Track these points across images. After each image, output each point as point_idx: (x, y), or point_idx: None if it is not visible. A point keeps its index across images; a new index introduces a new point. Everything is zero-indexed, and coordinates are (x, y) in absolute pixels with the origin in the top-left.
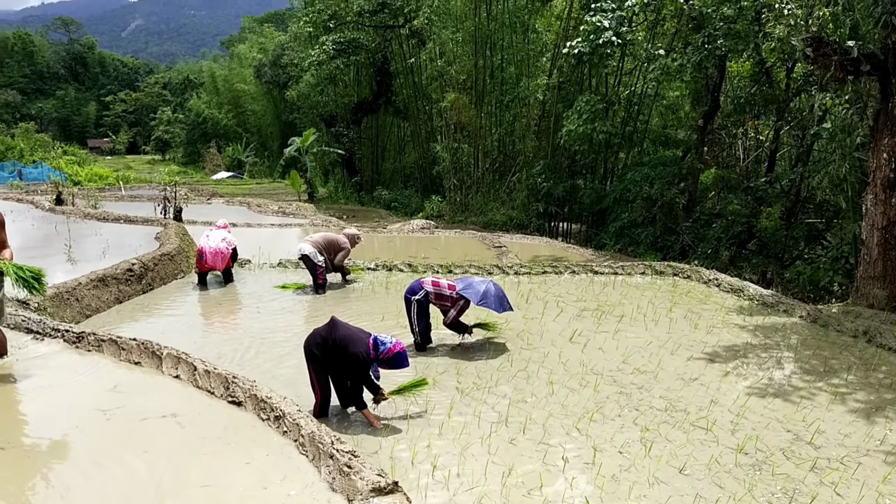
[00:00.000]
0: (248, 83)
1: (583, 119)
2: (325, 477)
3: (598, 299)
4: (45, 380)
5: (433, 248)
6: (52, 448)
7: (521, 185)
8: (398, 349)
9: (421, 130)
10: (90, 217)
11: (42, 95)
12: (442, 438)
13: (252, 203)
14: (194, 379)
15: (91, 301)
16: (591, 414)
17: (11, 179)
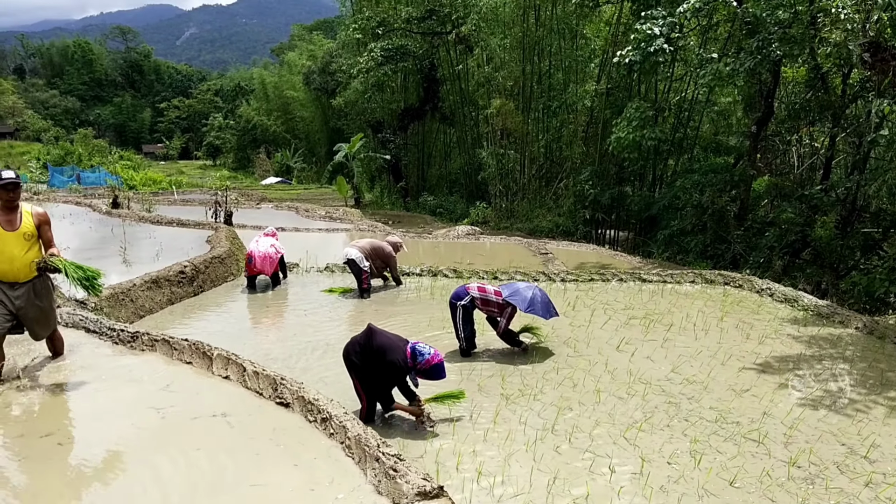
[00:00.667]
0: (297, 90)
1: (632, 126)
2: (370, 480)
3: (647, 307)
4: (103, 378)
5: (478, 255)
6: (110, 444)
7: (567, 191)
8: (436, 361)
9: (467, 136)
10: (144, 220)
11: (100, 102)
12: (487, 444)
13: (300, 208)
14: (243, 380)
15: (145, 302)
16: (639, 424)
17: (70, 183)
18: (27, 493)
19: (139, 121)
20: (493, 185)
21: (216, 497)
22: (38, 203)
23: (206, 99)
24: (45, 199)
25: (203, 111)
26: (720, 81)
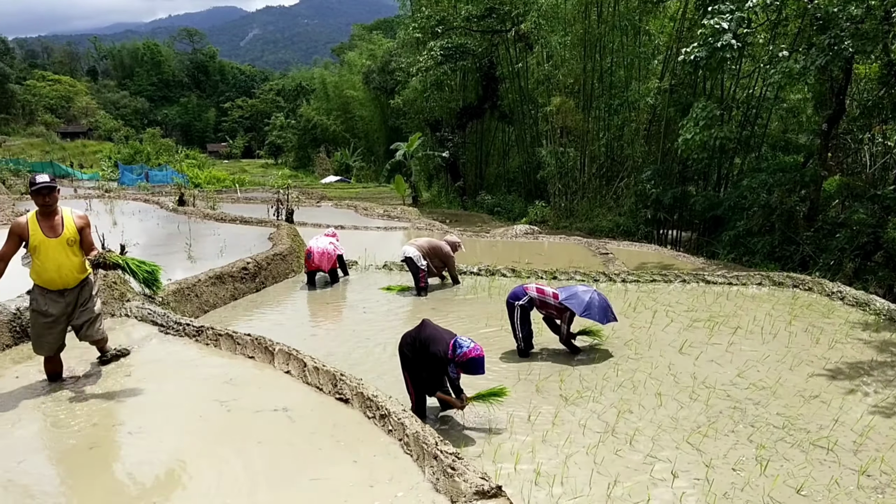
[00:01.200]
0: (356, 89)
1: (699, 126)
2: (428, 478)
3: (711, 310)
4: (170, 370)
5: (537, 254)
6: (177, 435)
7: (628, 190)
8: (473, 354)
9: (526, 135)
10: (209, 217)
11: (167, 102)
12: (546, 445)
13: (359, 206)
14: (304, 375)
15: (209, 297)
16: (702, 428)
17: (139, 181)
18: (99, 480)
19: (204, 120)
20: (552, 184)
21: (278, 489)
22: (87, 208)
23: (268, 99)
24: (115, 196)
25: (265, 111)
26: (791, 80)
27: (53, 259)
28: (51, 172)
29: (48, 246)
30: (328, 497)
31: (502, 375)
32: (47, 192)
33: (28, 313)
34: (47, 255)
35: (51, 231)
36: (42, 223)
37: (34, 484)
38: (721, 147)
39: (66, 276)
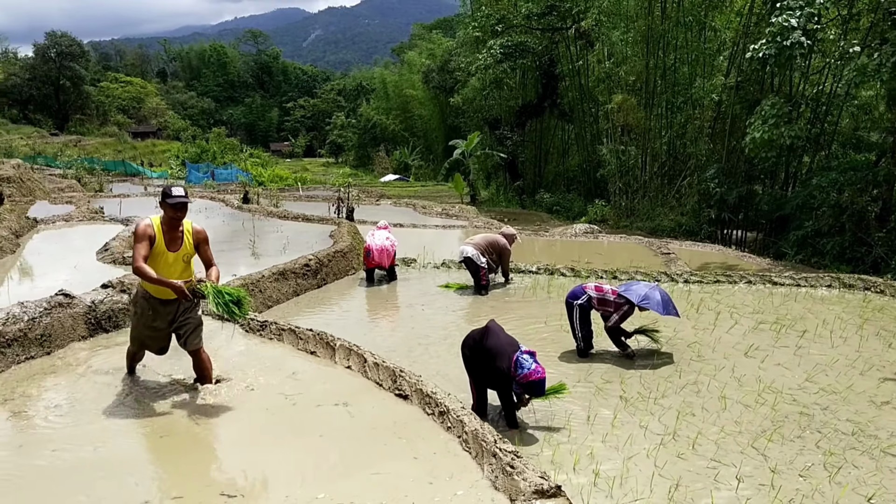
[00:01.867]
0: (416, 88)
1: (768, 125)
2: (487, 475)
3: (778, 312)
4: (237, 364)
5: (597, 254)
6: (243, 427)
7: (691, 189)
8: (535, 377)
9: (586, 133)
10: (272, 215)
11: (232, 102)
12: (605, 447)
13: (417, 205)
14: (364, 370)
15: (272, 293)
16: (768, 433)
17: (206, 179)
18: (166, 471)
19: (267, 120)
20: (612, 183)
21: (340, 482)
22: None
23: (329, 98)
24: None
25: (327, 110)
26: (864, 77)
27: (167, 272)
28: (184, 185)
29: (166, 258)
30: (389, 492)
31: (562, 376)
32: (182, 207)
33: (101, 306)
34: (162, 267)
35: (172, 243)
36: (166, 233)
37: (112, 467)
38: (790, 145)
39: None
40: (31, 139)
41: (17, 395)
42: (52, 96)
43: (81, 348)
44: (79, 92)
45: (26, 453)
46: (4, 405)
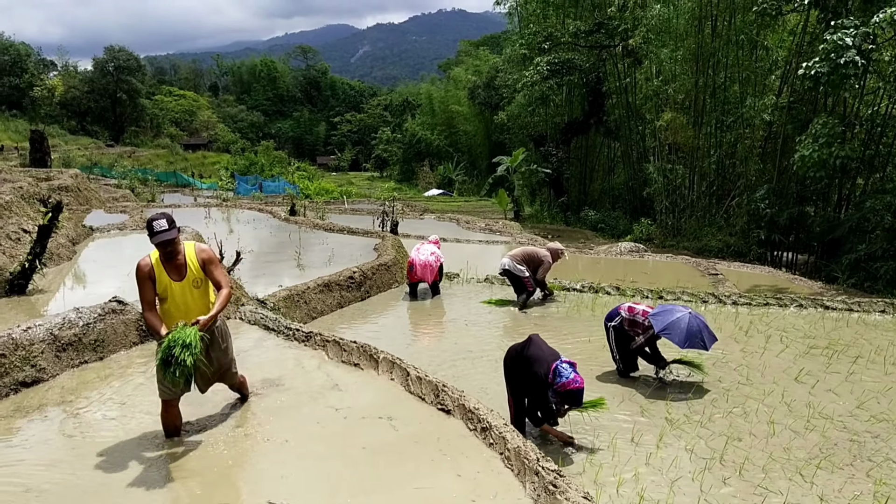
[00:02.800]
0: (461, 104)
1: (819, 144)
2: (529, 493)
3: (830, 336)
4: (284, 374)
5: (642, 272)
6: (286, 435)
7: (740, 210)
8: (573, 387)
9: (632, 151)
10: (318, 227)
11: (281, 116)
12: (650, 469)
13: (461, 219)
14: (407, 384)
15: (317, 304)
16: (817, 460)
17: (254, 191)
18: (213, 479)
19: (315, 134)
20: (658, 202)
21: (383, 494)
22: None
23: (375, 113)
24: (232, 205)
25: (373, 125)
26: None
27: (181, 303)
28: (170, 215)
29: (174, 290)
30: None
31: (604, 394)
32: (165, 245)
33: None
34: (174, 300)
35: (175, 273)
36: (166, 266)
37: (160, 473)
38: (842, 166)
39: (196, 314)
40: (87, 150)
41: (73, 398)
42: (108, 109)
43: (133, 354)
44: (134, 105)
45: (80, 456)
46: (60, 406)
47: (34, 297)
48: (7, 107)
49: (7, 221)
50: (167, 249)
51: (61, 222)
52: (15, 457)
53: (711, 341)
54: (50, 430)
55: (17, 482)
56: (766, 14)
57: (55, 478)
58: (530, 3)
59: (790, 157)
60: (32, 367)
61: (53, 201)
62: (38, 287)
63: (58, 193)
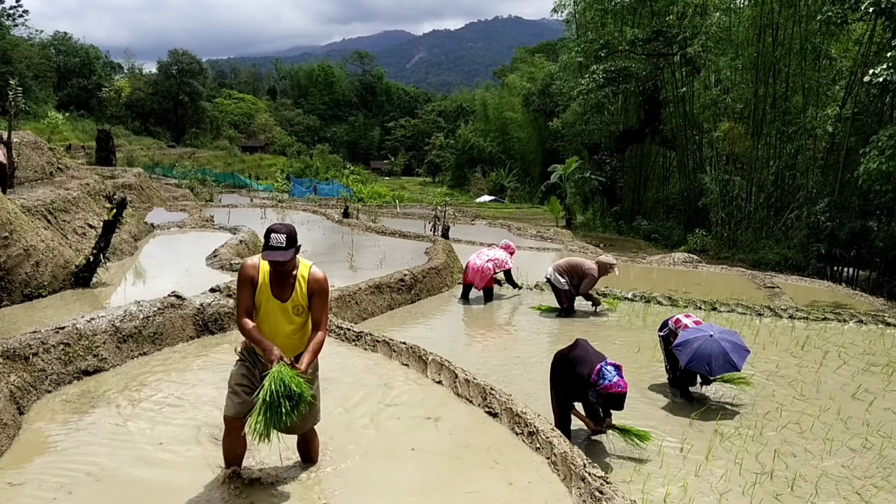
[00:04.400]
0: (515, 111)
1: (885, 156)
2: (575, 499)
3: (890, 354)
4: (333, 373)
5: (695, 283)
6: (341, 435)
7: (799, 223)
8: (615, 390)
9: (688, 161)
10: (370, 230)
11: (336, 121)
12: (698, 481)
13: (512, 226)
14: (455, 386)
15: (367, 305)
16: (874, 479)
17: (308, 194)
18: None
19: (369, 138)
20: (714, 212)
21: (435, 495)
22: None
23: (429, 119)
24: (287, 206)
25: (426, 131)
26: None
27: (273, 322)
28: (292, 228)
29: (272, 307)
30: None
31: (653, 405)
32: (277, 265)
33: (208, 309)
34: (266, 317)
35: (280, 289)
36: (274, 279)
37: (213, 463)
38: None
39: (282, 345)
40: (150, 150)
41: (135, 386)
42: (171, 110)
43: (190, 347)
44: (196, 107)
45: (139, 444)
46: (123, 393)
47: (97, 290)
48: (76, 107)
49: (74, 216)
50: (277, 269)
51: (125, 218)
52: (80, 439)
53: (742, 359)
54: (112, 416)
55: (78, 467)
56: (831, 23)
57: (113, 464)
58: (588, 11)
59: (853, 170)
60: (95, 356)
61: (119, 198)
62: (102, 280)
63: (122, 191)
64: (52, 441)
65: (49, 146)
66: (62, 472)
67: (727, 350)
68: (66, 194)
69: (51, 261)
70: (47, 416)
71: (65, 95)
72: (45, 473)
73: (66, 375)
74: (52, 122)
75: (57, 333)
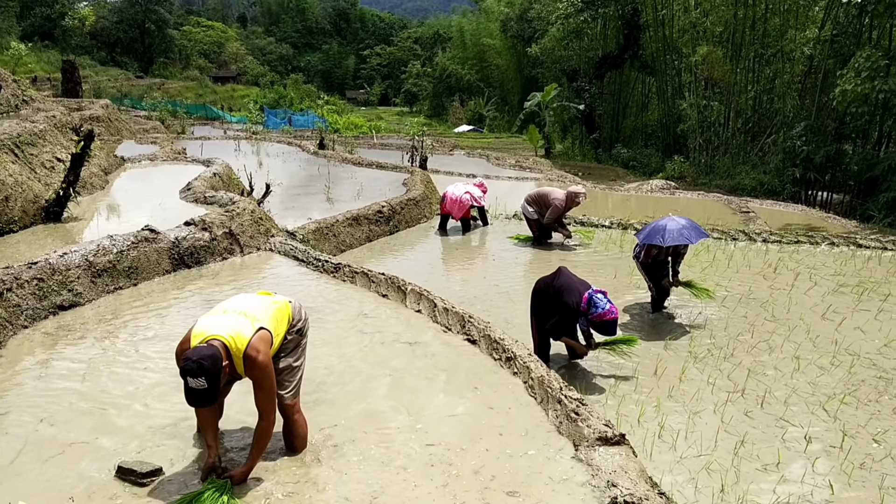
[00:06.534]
0: (493, 37)
1: (861, 78)
2: (552, 421)
3: (860, 275)
4: (312, 302)
5: (673, 210)
6: (332, 353)
7: (775, 147)
8: (609, 317)
9: (667, 87)
10: (347, 161)
11: (310, 49)
12: (671, 401)
13: (490, 156)
14: (434, 315)
15: (346, 237)
16: (842, 396)
17: (283, 125)
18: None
19: (344, 67)
20: (692, 139)
21: (416, 419)
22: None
23: (405, 47)
24: (261, 138)
25: (403, 59)
26: None
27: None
28: (206, 356)
29: None
30: (459, 429)
31: (630, 329)
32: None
33: (184, 242)
34: None
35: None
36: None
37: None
38: (884, 101)
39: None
40: (118, 81)
41: (111, 320)
42: (137, 39)
43: (166, 281)
44: (163, 35)
45: (119, 376)
46: (99, 327)
47: (69, 225)
48: (39, 37)
49: (41, 150)
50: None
51: (93, 151)
52: (61, 372)
53: (698, 236)
54: (92, 349)
55: (61, 396)
56: None
57: (95, 394)
58: None
59: (830, 93)
60: (69, 291)
61: (85, 130)
62: (73, 215)
63: (89, 123)
64: (33, 373)
65: (13, 78)
66: (45, 402)
67: (683, 225)
68: (33, 127)
69: (20, 195)
70: (26, 349)
71: (28, 25)
72: (28, 405)
73: (42, 311)
74: (15, 53)
75: (30, 269)
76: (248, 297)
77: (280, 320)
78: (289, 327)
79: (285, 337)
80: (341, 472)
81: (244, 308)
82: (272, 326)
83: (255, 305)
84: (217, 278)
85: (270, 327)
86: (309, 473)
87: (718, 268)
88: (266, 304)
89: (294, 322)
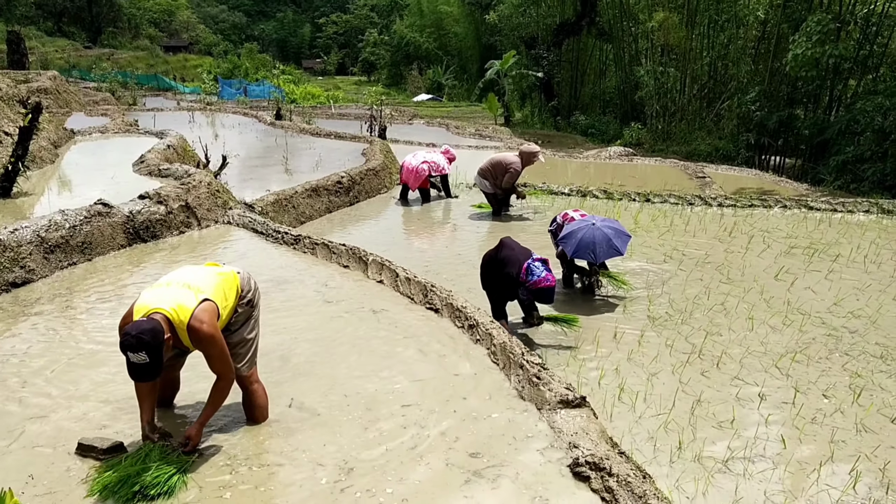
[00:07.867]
0: (451, 5)
1: (812, 42)
2: (514, 385)
3: (811, 237)
4: (277, 274)
5: (630, 177)
6: (278, 330)
7: (730, 113)
8: (544, 285)
9: (624, 53)
10: (304, 132)
11: (264, 17)
12: (631, 364)
13: (450, 125)
14: (396, 284)
15: (305, 209)
16: (793, 354)
17: (238, 96)
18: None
19: (299, 36)
20: (649, 106)
21: (380, 383)
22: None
23: (362, 15)
24: (216, 109)
25: (359, 27)
26: None
27: None
28: (145, 329)
29: None
30: (422, 392)
31: (588, 294)
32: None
33: (139, 216)
34: None
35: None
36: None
37: None
38: (835, 66)
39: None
40: (65, 52)
41: (65, 294)
42: (84, 8)
43: (121, 256)
44: (111, 4)
45: (78, 346)
46: (54, 302)
47: (19, 200)
48: None
49: None
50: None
51: (42, 124)
52: (19, 345)
53: (624, 244)
54: (50, 321)
55: (20, 370)
56: None
57: (57, 365)
58: None
59: (783, 58)
60: (22, 268)
61: (33, 103)
62: (23, 190)
63: (37, 95)
64: None
65: None
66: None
67: (610, 237)
68: None
69: None
70: None
71: None
72: None
73: None
74: None
75: None
76: (192, 268)
77: (227, 291)
78: (238, 299)
79: (235, 309)
80: (310, 440)
81: (188, 280)
82: (218, 298)
83: (199, 277)
84: (175, 252)
85: (216, 298)
86: (274, 443)
87: (676, 232)
88: (211, 275)
89: (243, 293)
